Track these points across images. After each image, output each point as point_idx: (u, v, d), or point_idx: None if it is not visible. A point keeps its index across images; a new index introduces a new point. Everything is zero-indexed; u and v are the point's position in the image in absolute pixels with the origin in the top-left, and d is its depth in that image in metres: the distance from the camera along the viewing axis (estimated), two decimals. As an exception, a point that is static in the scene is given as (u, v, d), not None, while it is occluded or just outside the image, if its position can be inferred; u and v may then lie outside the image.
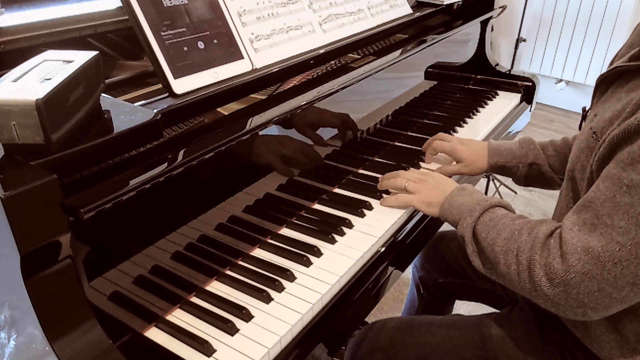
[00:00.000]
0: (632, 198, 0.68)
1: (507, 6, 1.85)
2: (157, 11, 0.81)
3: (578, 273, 0.71)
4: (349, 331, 0.96)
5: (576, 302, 0.73)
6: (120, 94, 0.85)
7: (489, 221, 0.85)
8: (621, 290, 0.70)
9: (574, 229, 0.73)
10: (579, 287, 0.71)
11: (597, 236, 0.70)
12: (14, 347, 0.63)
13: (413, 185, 1.02)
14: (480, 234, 0.85)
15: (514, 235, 0.80)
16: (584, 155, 0.82)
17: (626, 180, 0.69)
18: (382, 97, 1.28)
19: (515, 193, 2.72)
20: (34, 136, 0.58)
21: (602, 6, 3.37)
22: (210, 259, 0.88)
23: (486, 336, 0.96)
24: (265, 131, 0.92)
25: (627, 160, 0.69)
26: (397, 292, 2.05)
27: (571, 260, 0.71)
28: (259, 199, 0.96)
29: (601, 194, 0.72)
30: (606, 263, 0.69)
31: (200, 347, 0.74)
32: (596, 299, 0.71)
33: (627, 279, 0.69)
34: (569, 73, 3.65)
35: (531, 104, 1.69)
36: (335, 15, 1.15)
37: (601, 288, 0.70)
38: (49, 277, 0.60)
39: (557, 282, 0.73)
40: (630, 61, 0.80)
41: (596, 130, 0.79)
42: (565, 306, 0.74)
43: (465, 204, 0.90)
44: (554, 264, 0.73)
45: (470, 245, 0.86)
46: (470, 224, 0.86)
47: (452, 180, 1.02)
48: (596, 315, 0.74)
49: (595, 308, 0.72)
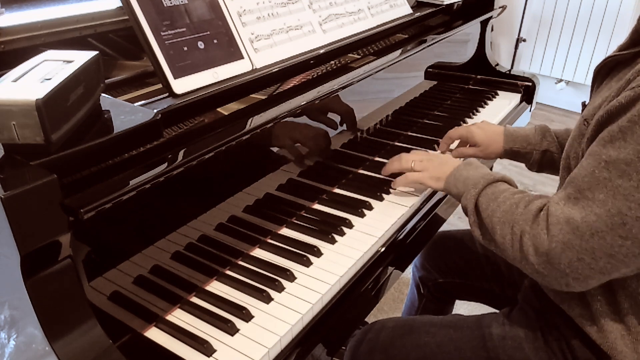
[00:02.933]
0: (610, 173, 0.72)
1: (507, 6, 1.85)
2: (157, 11, 0.81)
3: (559, 242, 0.75)
4: (349, 331, 0.96)
5: (559, 272, 0.77)
6: (120, 94, 0.85)
7: (491, 194, 0.88)
8: (598, 261, 0.74)
9: (560, 203, 0.78)
10: (560, 257, 0.75)
11: (578, 209, 0.75)
12: (14, 347, 0.63)
13: (419, 164, 1.05)
14: (482, 205, 0.88)
15: (512, 207, 0.83)
16: (576, 142, 0.86)
17: (605, 156, 0.73)
18: (382, 97, 1.28)
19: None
20: (34, 136, 0.58)
21: (602, 6, 3.37)
22: (210, 259, 0.88)
23: (486, 336, 0.96)
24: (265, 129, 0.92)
25: (607, 138, 0.73)
26: (397, 292, 2.05)
27: (554, 230, 0.76)
28: (259, 199, 0.96)
29: (583, 169, 0.76)
30: (584, 233, 0.73)
31: (200, 347, 0.74)
32: (576, 269, 0.75)
33: (604, 250, 0.73)
34: (569, 73, 3.65)
35: (531, 104, 1.69)
36: (335, 15, 1.15)
37: (580, 258, 0.74)
38: (49, 277, 0.60)
39: (541, 252, 0.77)
40: (619, 51, 0.85)
41: (587, 117, 0.83)
42: (550, 276, 0.78)
43: (471, 177, 0.93)
44: (540, 234, 0.78)
45: (472, 216, 0.90)
46: (473, 196, 0.89)
47: (457, 159, 1.04)
48: (578, 285, 0.77)
49: (576, 278, 0.76)
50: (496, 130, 1.20)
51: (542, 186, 2.80)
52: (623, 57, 0.84)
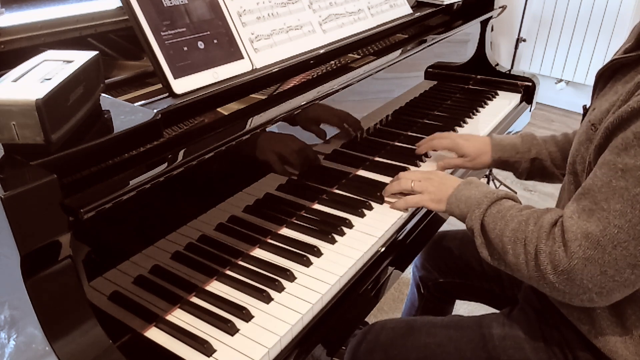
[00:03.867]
0: (627, 182, 0.70)
1: (507, 6, 1.85)
2: (157, 11, 0.81)
3: (580, 259, 0.72)
4: (349, 331, 0.96)
5: (581, 289, 0.74)
6: (120, 94, 0.85)
7: (497, 213, 0.86)
8: (622, 273, 0.71)
9: (574, 216, 0.75)
10: (582, 273, 0.73)
11: (595, 221, 0.72)
12: (14, 347, 0.63)
13: (419, 185, 1.02)
14: (489, 225, 0.86)
15: (521, 225, 0.81)
16: (583, 147, 0.83)
17: (620, 164, 0.71)
18: (382, 97, 1.28)
19: (515, 193, 2.71)
20: (34, 136, 0.58)
21: (602, 6, 3.37)
22: (210, 259, 0.88)
23: (487, 336, 0.96)
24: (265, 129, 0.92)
25: (621, 146, 0.71)
26: (397, 292, 2.05)
27: (573, 247, 0.73)
28: (259, 199, 0.96)
29: (598, 180, 0.74)
30: (606, 246, 0.71)
31: (200, 347, 0.74)
32: (599, 283, 0.73)
33: (627, 261, 0.71)
34: (569, 73, 3.64)
35: (531, 104, 1.69)
36: (335, 15, 1.15)
37: (603, 271, 0.72)
38: (49, 277, 0.60)
39: (560, 270, 0.74)
40: (624, 54, 0.83)
41: (594, 122, 0.81)
42: (571, 293, 0.76)
43: (472, 197, 0.91)
44: (558, 252, 0.75)
45: (479, 237, 0.88)
46: (478, 216, 0.87)
47: (456, 177, 1.03)
48: (601, 300, 0.75)
49: (599, 292, 0.74)
50: (483, 141, 1.18)
51: (542, 186, 2.80)
52: (628, 60, 0.82)
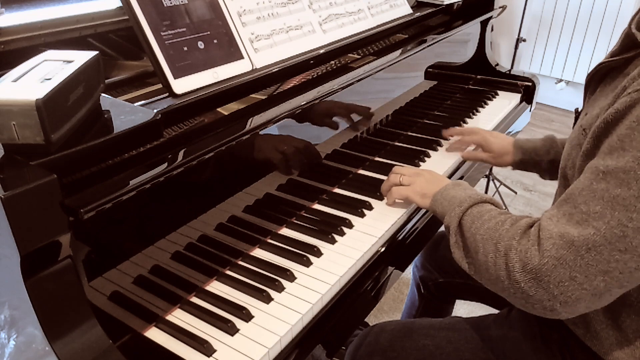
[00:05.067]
0: (608, 183, 0.68)
1: (507, 6, 1.85)
2: (157, 11, 0.81)
3: (551, 258, 0.70)
4: (349, 331, 0.96)
5: (546, 294, 0.71)
6: (120, 94, 0.85)
7: (477, 213, 0.85)
8: (593, 280, 0.69)
9: (553, 218, 0.74)
10: (551, 275, 0.70)
11: (573, 224, 0.71)
12: (14, 347, 0.63)
13: (407, 179, 1.04)
14: (466, 224, 0.85)
15: (497, 225, 0.80)
16: (574, 152, 0.82)
17: (602, 167, 0.69)
18: (382, 97, 1.28)
19: (515, 193, 2.72)
20: (34, 136, 0.58)
21: (602, 6, 3.37)
22: (210, 259, 0.88)
23: (485, 338, 0.96)
24: (265, 130, 0.92)
25: (607, 151, 0.70)
26: (397, 292, 2.05)
27: (546, 245, 0.71)
28: (259, 199, 0.96)
29: (580, 184, 0.72)
30: (580, 248, 0.68)
31: (200, 347, 0.74)
32: (566, 290, 0.70)
33: (600, 267, 0.68)
34: (569, 73, 3.65)
35: (531, 104, 1.69)
36: (335, 15, 1.15)
37: (572, 277, 0.69)
38: (49, 277, 0.60)
39: (529, 268, 0.72)
40: (611, 57, 0.82)
41: (585, 127, 0.80)
42: (535, 297, 0.72)
43: (457, 196, 0.90)
44: (531, 249, 0.73)
45: (454, 235, 0.86)
46: (457, 214, 0.86)
47: (446, 178, 1.04)
48: (564, 310, 0.72)
49: (564, 302, 0.71)
50: (509, 141, 1.23)
51: (542, 186, 2.80)
52: (616, 63, 0.82)
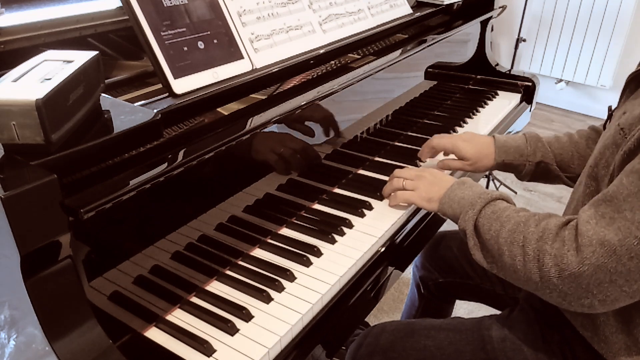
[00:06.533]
0: None
1: (507, 6, 1.85)
2: (157, 11, 0.81)
3: (592, 265, 0.70)
4: (349, 331, 0.96)
5: (585, 293, 0.72)
6: (120, 94, 0.85)
7: (492, 214, 0.84)
8: (633, 284, 0.70)
9: (591, 222, 0.72)
10: (590, 279, 0.71)
11: (614, 230, 0.70)
12: (14, 347, 0.63)
13: (410, 183, 1.02)
14: (483, 226, 0.84)
15: (519, 226, 0.79)
16: (609, 151, 0.80)
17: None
18: (382, 97, 1.28)
19: (515, 193, 2.72)
20: (34, 136, 0.58)
21: (602, 6, 3.37)
22: (210, 259, 0.88)
23: (486, 338, 0.96)
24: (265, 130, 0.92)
25: None
26: (397, 292, 2.05)
27: (586, 252, 0.71)
28: (259, 199, 0.96)
29: (624, 188, 0.71)
30: (622, 256, 0.69)
31: (200, 347, 0.74)
32: (606, 291, 0.71)
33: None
34: (569, 73, 3.64)
35: (531, 104, 1.69)
36: (335, 15, 1.15)
37: (613, 280, 0.70)
38: (49, 277, 0.60)
39: (567, 274, 0.72)
40: None
41: (624, 126, 0.78)
42: (573, 296, 0.73)
43: (466, 197, 0.89)
44: (567, 255, 0.72)
45: (472, 238, 0.86)
46: (472, 217, 0.85)
47: (449, 176, 1.01)
48: (602, 307, 0.73)
49: (603, 300, 0.72)
50: (485, 142, 1.13)
51: (542, 186, 2.80)
52: None
